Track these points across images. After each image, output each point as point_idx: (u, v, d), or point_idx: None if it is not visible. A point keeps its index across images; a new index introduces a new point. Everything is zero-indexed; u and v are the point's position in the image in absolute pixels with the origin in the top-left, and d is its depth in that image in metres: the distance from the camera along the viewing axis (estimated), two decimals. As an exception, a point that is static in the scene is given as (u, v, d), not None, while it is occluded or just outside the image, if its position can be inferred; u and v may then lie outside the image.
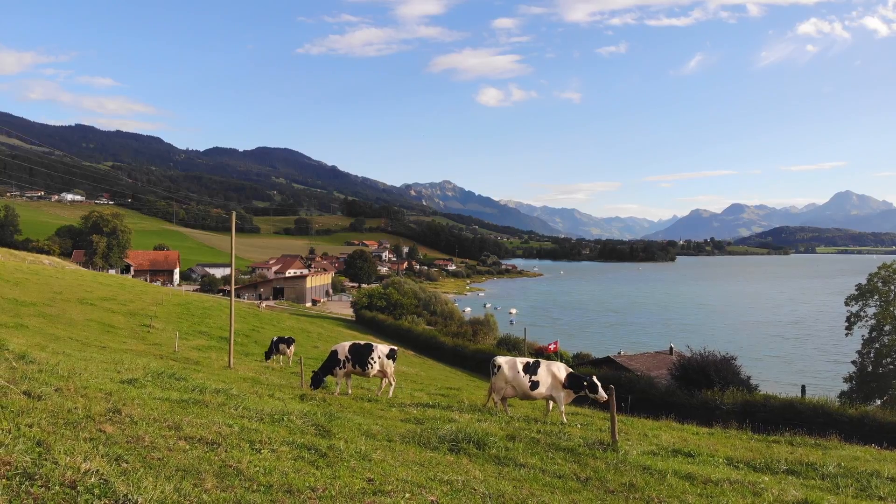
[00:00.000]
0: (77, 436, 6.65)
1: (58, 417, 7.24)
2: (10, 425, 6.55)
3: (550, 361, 16.52)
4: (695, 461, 11.23)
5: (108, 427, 7.12)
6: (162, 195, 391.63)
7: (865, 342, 50.46)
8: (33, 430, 6.52)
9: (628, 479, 9.12)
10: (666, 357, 50.98)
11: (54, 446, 6.06)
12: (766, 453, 12.86)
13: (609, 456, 10.50)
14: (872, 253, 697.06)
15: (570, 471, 9.24)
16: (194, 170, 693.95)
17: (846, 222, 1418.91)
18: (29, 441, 6.08)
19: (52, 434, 6.50)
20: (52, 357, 11.79)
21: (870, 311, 52.15)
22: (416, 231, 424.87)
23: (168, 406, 9.50)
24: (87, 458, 5.85)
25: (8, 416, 6.92)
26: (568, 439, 11.54)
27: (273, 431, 8.70)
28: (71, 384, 8.90)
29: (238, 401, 10.77)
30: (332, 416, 10.66)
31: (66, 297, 44.93)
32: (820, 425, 24.13)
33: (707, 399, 33.01)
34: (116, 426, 7.35)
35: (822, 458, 12.50)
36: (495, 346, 63.12)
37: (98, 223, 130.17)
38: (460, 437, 10.09)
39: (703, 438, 15.15)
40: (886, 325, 49.31)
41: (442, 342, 63.34)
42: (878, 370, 47.89)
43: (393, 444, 9.47)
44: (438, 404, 16.45)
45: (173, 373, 12.98)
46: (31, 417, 6.97)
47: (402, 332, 73.61)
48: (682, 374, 39.44)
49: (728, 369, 38.62)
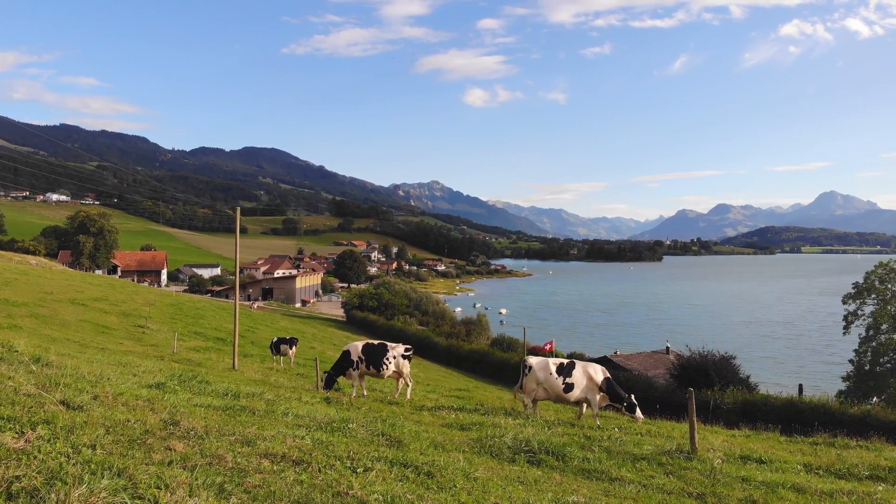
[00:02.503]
0: (150, 457, 5.79)
1: (116, 434, 6.37)
2: (68, 447, 5.56)
3: (587, 363, 15.86)
4: (771, 468, 10.74)
5: (177, 445, 6.35)
6: (148, 195, 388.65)
7: (863, 341, 50.53)
8: (99, 454, 5.54)
9: (746, 495, 8.63)
10: (663, 356, 51.05)
11: (138, 476, 5.08)
12: (837, 458, 12.33)
13: (698, 465, 10.00)
14: (857, 252, 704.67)
15: (673, 485, 8.73)
16: (180, 170, 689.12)
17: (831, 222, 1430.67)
18: (106, 470, 5.09)
19: (123, 458, 5.58)
20: (66, 360, 11.24)
21: (867, 310, 52.23)
22: (405, 231, 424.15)
23: (218, 415, 8.90)
24: (192, 492, 5.00)
25: (61, 434, 5.90)
26: (637, 446, 10.99)
27: (348, 444, 8.04)
28: (107, 391, 8.22)
29: (280, 406, 10.17)
30: (391, 424, 10.07)
31: (58, 298, 44.28)
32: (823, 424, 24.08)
33: (707, 398, 32.94)
34: (185, 443, 6.57)
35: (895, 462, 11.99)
36: (489, 346, 62.91)
37: (85, 223, 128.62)
38: (535, 448, 9.56)
39: (744, 441, 14.67)
40: (884, 324, 49.42)
41: (436, 342, 63.04)
42: (875, 369, 48.00)
43: (467, 455, 8.88)
44: (465, 407, 15.82)
45: (194, 375, 12.52)
46: (87, 435, 6.03)
47: (395, 332, 73.09)
48: (682, 374, 39.42)
49: (728, 368, 38.65)
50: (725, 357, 39.60)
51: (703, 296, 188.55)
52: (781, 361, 76.13)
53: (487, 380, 49.09)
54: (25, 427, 5.94)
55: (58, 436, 5.83)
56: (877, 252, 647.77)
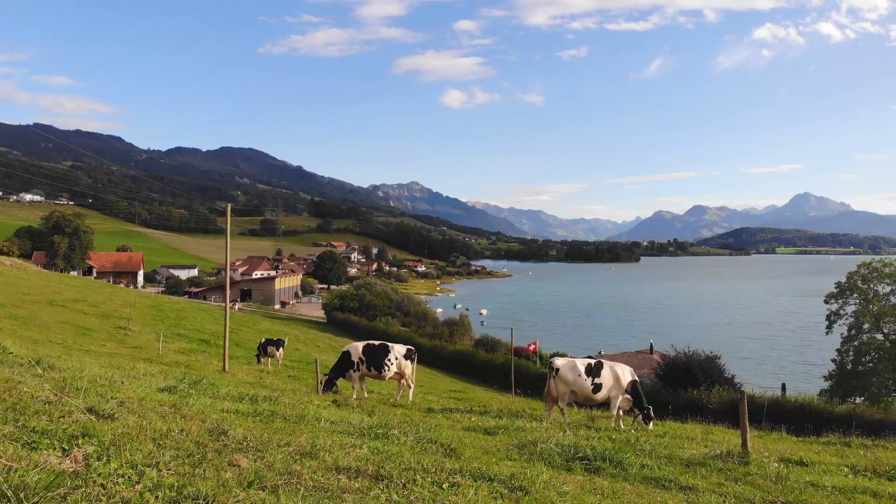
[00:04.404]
0: (221, 477, 5.08)
1: (168, 448, 5.70)
2: (126, 467, 4.79)
3: (613, 363, 15.44)
4: (816, 470, 10.40)
5: (241, 460, 5.68)
6: (123, 195, 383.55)
7: (845, 340, 51.12)
8: (166, 476, 4.84)
9: (833, 501, 8.35)
10: (647, 356, 51.34)
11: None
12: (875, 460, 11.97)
13: (757, 470, 9.62)
14: (830, 253, 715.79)
15: (752, 494, 8.27)
16: (156, 170, 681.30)
17: (805, 223, 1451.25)
18: (189, 500, 4.47)
19: (192, 479, 4.89)
20: (65, 362, 10.81)
21: (849, 310, 52.84)
22: (385, 232, 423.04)
23: (253, 422, 8.25)
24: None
25: (111, 451, 5.08)
26: (680, 450, 10.60)
27: (405, 453, 7.47)
28: (130, 396, 7.64)
29: (309, 411, 9.69)
30: (430, 429, 9.64)
31: (35, 299, 43.45)
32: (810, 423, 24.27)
33: (693, 398, 33.09)
34: (246, 457, 5.92)
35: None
36: (474, 347, 62.92)
37: (59, 223, 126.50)
38: (589, 455, 9.12)
39: (759, 442, 14.26)
40: (866, 323, 50.06)
41: (419, 343, 62.71)
42: (857, 368, 48.57)
43: (520, 462, 8.43)
44: (473, 409, 15.38)
45: (200, 378, 12.14)
46: (139, 451, 5.34)
47: (378, 333, 72.60)
48: (667, 374, 39.59)
49: (713, 368, 38.88)
50: (711, 357, 39.85)
51: (681, 296, 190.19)
52: (761, 362, 76.83)
53: (473, 380, 49.01)
54: (64, 442, 5.29)
55: (108, 453, 5.14)
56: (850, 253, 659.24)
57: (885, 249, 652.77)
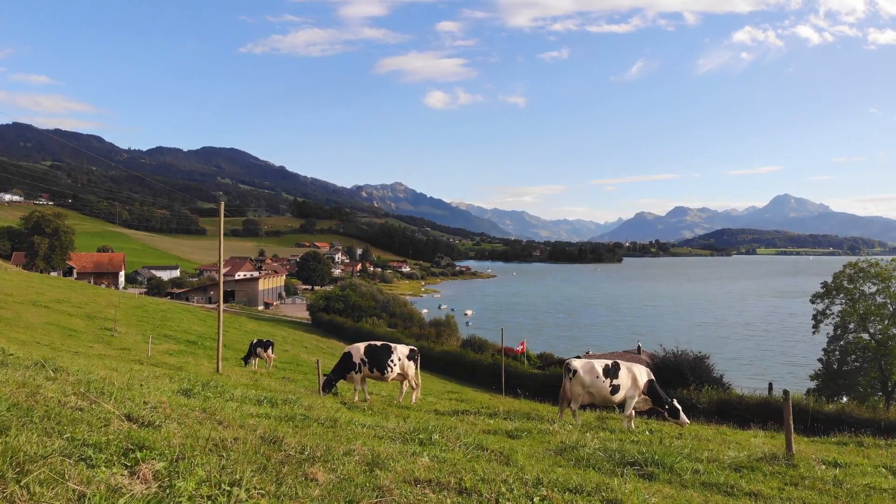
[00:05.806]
0: (309, 495, 4.75)
1: (234, 461, 5.18)
2: (209, 486, 4.34)
3: (630, 363, 15.16)
4: (855, 472, 10.11)
5: (317, 473, 5.24)
6: (104, 195, 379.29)
7: (831, 339, 51.70)
8: (259, 497, 4.45)
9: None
10: (635, 356, 51.39)
11: None
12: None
13: (806, 472, 9.45)
14: (809, 254, 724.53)
15: (819, 500, 8.06)
16: (137, 169, 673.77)
17: (785, 224, 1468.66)
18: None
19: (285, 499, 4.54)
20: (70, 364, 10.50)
21: (835, 309, 53.42)
22: (369, 233, 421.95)
23: (291, 427, 7.81)
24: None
25: (181, 466, 4.57)
26: (721, 454, 10.31)
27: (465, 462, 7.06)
28: (162, 401, 7.16)
29: (342, 416, 9.31)
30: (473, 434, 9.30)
31: (18, 300, 42.82)
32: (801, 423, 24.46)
33: (683, 398, 33.23)
34: (321, 470, 5.46)
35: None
36: (461, 348, 62.84)
37: (39, 223, 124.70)
38: (639, 460, 8.82)
39: (771, 442, 14.13)
40: (851, 323, 50.64)
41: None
42: (843, 367, 49.13)
43: (571, 469, 8.05)
44: (480, 411, 15.05)
45: (209, 381, 11.88)
46: (208, 465, 4.82)
47: (364, 334, 72.33)
48: (656, 374, 39.68)
49: (702, 368, 39.21)
50: (699, 357, 40.16)
51: (665, 297, 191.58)
52: (748, 362, 77.46)
53: (462, 381, 48.91)
54: (121, 456, 4.73)
55: (177, 469, 4.62)
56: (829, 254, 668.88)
57: (863, 251, 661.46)
